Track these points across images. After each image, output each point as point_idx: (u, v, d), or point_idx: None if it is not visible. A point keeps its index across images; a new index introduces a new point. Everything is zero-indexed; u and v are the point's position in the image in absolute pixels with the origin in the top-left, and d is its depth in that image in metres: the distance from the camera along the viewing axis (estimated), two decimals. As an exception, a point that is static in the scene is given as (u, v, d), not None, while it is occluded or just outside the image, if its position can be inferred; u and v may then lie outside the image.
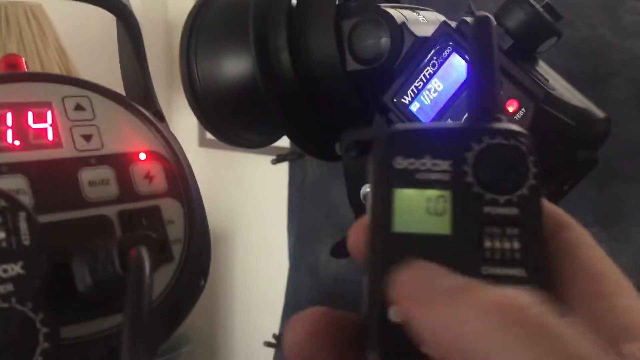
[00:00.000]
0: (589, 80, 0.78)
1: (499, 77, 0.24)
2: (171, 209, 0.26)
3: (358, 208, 0.44)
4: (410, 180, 0.21)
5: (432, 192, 0.21)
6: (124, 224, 0.25)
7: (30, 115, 0.25)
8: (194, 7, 0.47)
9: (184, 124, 1.69)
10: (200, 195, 0.28)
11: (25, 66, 0.27)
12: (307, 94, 0.42)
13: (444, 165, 0.21)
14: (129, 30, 0.29)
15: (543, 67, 0.40)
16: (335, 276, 1.04)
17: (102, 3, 0.26)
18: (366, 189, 0.44)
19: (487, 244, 0.20)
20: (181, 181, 0.27)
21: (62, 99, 0.26)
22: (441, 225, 0.20)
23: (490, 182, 0.20)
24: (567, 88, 0.39)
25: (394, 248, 0.20)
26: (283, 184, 1.12)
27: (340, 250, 0.43)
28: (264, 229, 1.66)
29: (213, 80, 0.46)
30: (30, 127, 0.25)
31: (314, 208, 1.05)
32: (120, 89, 0.31)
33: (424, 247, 0.20)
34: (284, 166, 1.13)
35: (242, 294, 1.79)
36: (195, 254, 0.26)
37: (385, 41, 0.40)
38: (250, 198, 1.72)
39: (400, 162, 0.21)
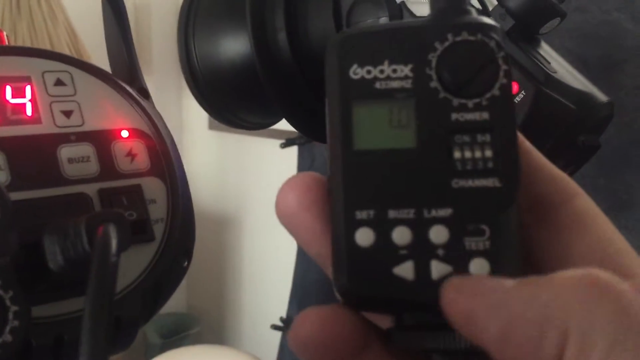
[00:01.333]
0: (602, 65, 0.77)
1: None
2: (153, 187, 0.26)
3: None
4: (370, 91, 0.19)
5: (395, 103, 0.19)
6: (104, 203, 0.25)
7: (8, 89, 0.24)
8: (192, -15, 0.46)
9: (194, 108, 1.69)
10: (185, 175, 0.27)
11: (6, 40, 0.27)
12: (305, 74, 0.42)
13: (405, 70, 0.19)
14: (113, 6, 0.28)
15: (545, 49, 0.39)
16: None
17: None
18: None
19: (457, 154, 0.19)
20: (164, 160, 0.26)
21: (42, 74, 0.25)
22: (406, 138, 0.19)
23: (457, 85, 0.19)
24: (569, 71, 0.38)
25: (356, 167, 0.19)
26: (292, 168, 1.12)
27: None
28: (272, 213, 1.66)
29: (211, 61, 0.45)
30: (8, 102, 0.24)
31: (322, 192, 1.04)
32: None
33: (389, 163, 0.19)
34: (293, 150, 1.13)
35: (250, 277, 1.79)
36: (178, 234, 0.26)
37: (384, 21, 0.39)
38: (259, 181, 1.72)
39: (357, 72, 0.19)
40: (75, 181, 0.25)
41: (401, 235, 0.19)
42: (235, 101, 0.47)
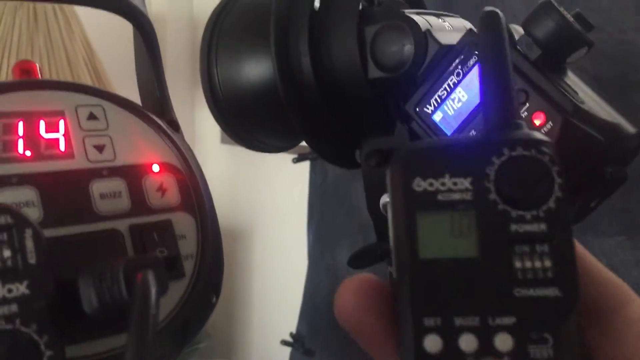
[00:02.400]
0: (618, 86, 0.76)
1: (513, 78, 0.22)
2: (184, 223, 0.26)
3: (377, 218, 0.43)
4: (432, 202, 0.20)
5: (456, 214, 0.20)
6: (134, 239, 0.24)
7: (42, 124, 0.24)
8: (215, 10, 0.46)
9: (206, 121, 1.69)
10: (214, 209, 0.27)
11: (39, 72, 0.27)
12: (327, 100, 0.42)
13: (465, 183, 0.20)
14: (145, 38, 0.28)
15: (572, 79, 0.38)
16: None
17: (119, 10, 0.26)
18: (385, 198, 0.43)
19: (517, 264, 0.19)
20: (195, 194, 0.26)
21: (75, 108, 0.25)
22: (468, 248, 0.20)
23: (515, 198, 0.20)
24: (596, 101, 0.38)
25: (422, 275, 0.20)
26: (304, 183, 1.12)
27: (360, 260, 0.42)
28: (284, 228, 1.66)
29: (233, 84, 0.45)
30: (41, 136, 0.24)
31: (334, 208, 1.04)
32: None
33: (453, 272, 0.20)
34: (305, 165, 1.13)
35: (260, 292, 1.79)
36: (208, 270, 0.25)
37: (408, 48, 0.39)
38: (270, 196, 1.72)
39: (420, 184, 0.20)
40: (107, 217, 0.25)
41: (468, 343, 0.19)
42: (256, 124, 0.47)
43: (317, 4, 0.42)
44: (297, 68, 0.41)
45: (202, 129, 1.77)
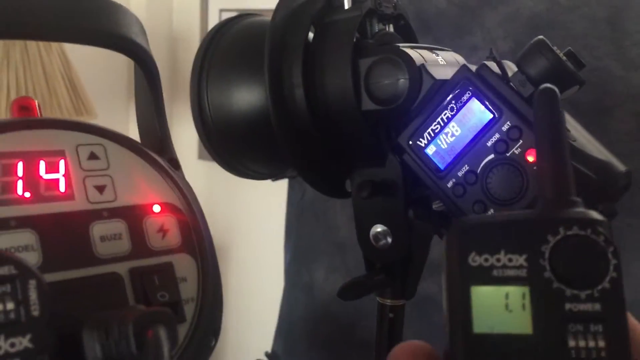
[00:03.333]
0: (593, 110, 0.78)
1: (570, 155, 0.22)
2: (184, 265, 0.25)
3: (367, 249, 0.43)
4: (487, 277, 0.20)
5: (510, 289, 0.20)
6: (135, 282, 0.24)
7: (42, 164, 0.24)
8: (207, 36, 0.46)
9: (184, 136, 1.67)
10: (214, 249, 0.27)
11: (38, 109, 0.26)
12: (320, 130, 0.41)
13: (520, 260, 0.20)
14: (148, 76, 0.27)
15: (564, 116, 0.39)
16: (330, 295, 1.03)
17: (122, 49, 0.25)
18: (376, 229, 0.43)
19: (572, 342, 0.20)
20: (196, 235, 0.26)
21: (76, 147, 0.25)
22: (522, 324, 0.20)
23: (570, 277, 0.20)
24: (588, 139, 0.38)
25: (476, 350, 0.20)
26: (281, 201, 1.11)
27: (349, 291, 0.41)
28: (261, 246, 1.65)
29: (223, 111, 0.44)
30: (41, 177, 0.24)
31: (312, 226, 1.04)
32: (121, 101, 0.30)
33: (507, 348, 0.20)
34: (283, 183, 1.12)
35: (235, 310, 1.77)
36: (208, 314, 0.25)
37: (403, 82, 0.39)
38: (248, 213, 1.70)
39: (475, 259, 0.21)
40: (107, 260, 0.24)
41: None
42: (244, 151, 0.47)
43: (311, 35, 0.42)
44: (290, 98, 0.41)
45: (180, 145, 1.75)
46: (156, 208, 0.26)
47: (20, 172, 0.23)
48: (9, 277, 0.18)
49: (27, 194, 0.23)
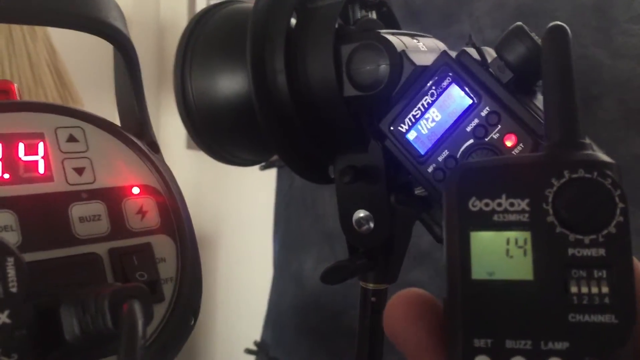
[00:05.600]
0: (580, 99, 0.78)
1: (577, 95, 0.22)
2: (163, 246, 0.26)
3: (350, 233, 0.44)
4: (487, 222, 0.20)
5: (511, 234, 0.20)
6: (114, 262, 0.24)
7: (21, 146, 0.24)
8: (190, 23, 0.46)
9: (172, 126, 1.67)
10: (194, 231, 0.27)
11: (17, 93, 0.26)
12: (302, 117, 0.42)
13: (522, 204, 0.20)
14: (127, 60, 0.28)
15: (541, 101, 0.39)
16: (319, 285, 1.03)
17: (100, 33, 0.26)
18: (359, 214, 0.43)
19: (573, 288, 0.19)
20: (174, 217, 0.26)
21: (55, 130, 0.25)
22: (523, 270, 0.19)
23: (574, 222, 0.19)
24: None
25: (474, 296, 0.20)
26: (270, 191, 1.12)
27: (332, 275, 0.42)
28: (249, 235, 1.65)
29: (207, 98, 0.45)
30: (20, 159, 0.24)
31: (301, 216, 1.04)
32: (108, 90, 0.30)
33: (506, 294, 0.19)
34: (272, 172, 1.12)
35: (224, 299, 1.78)
36: (187, 293, 0.25)
37: (384, 68, 0.39)
38: (236, 203, 1.71)
39: (475, 204, 0.20)
40: (86, 241, 0.24)
41: None
42: (229, 138, 0.47)
43: (293, 21, 0.42)
44: (272, 85, 0.41)
45: (168, 134, 1.75)
46: (135, 190, 0.26)
47: (-1, 154, 0.24)
48: (-14, 255, 0.19)
49: (6, 176, 0.24)
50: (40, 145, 0.25)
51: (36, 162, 0.24)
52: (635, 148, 0.76)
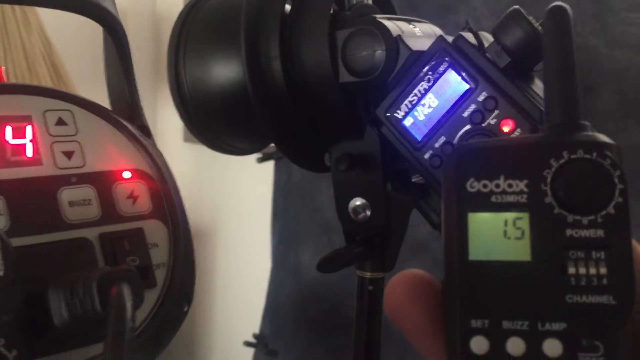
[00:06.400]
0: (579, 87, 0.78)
1: (578, 77, 0.21)
2: (155, 231, 0.25)
3: (346, 222, 0.43)
4: (485, 203, 0.20)
5: (509, 215, 0.20)
6: (105, 247, 0.24)
7: (8, 129, 0.24)
8: (184, 10, 0.45)
9: (169, 119, 1.66)
10: (186, 216, 0.27)
11: (4, 76, 0.26)
12: (298, 103, 0.41)
13: (521, 185, 0.19)
14: (116, 42, 0.27)
15: (539, 86, 0.39)
16: (317, 277, 1.03)
17: (89, 13, 0.25)
18: (355, 202, 0.43)
19: (571, 269, 0.19)
20: (166, 201, 0.26)
21: (44, 113, 0.25)
22: (520, 251, 0.19)
23: (572, 202, 0.19)
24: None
25: (472, 277, 0.19)
26: (268, 183, 1.11)
27: (329, 264, 0.42)
28: (248, 228, 1.65)
29: (201, 86, 0.44)
30: (8, 142, 0.23)
31: (298, 208, 1.04)
32: (103, 81, 0.30)
33: (504, 275, 0.19)
34: (269, 165, 1.12)
35: (222, 292, 1.78)
36: (180, 279, 0.25)
37: (380, 54, 0.39)
38: (234, 195, 1.70)
39: (473, 185, 0.20)
40: (76, 225, 0.24)
41: (515, 346, 0.19)
42: (224, 127, 0.46)
43: (288, 7, 0.42)
44: (267, 71, 0.41)
45: (165, 127, 1.75)
46: (126, 174, 0.25)
47: (-14, 138, 0.23)
48: (-28, 238, 0.18)
49: (-6, 159, 0.23)
50: (28, 129, 0.24)
51: (24, 145, 0.24)
52: (633, 138, 0.75)
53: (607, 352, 0.19)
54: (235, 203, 1.70)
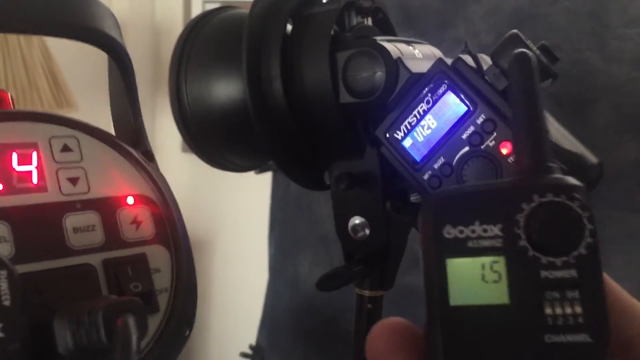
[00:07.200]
0: (574, 103, 0.78)
1: (545, 121, 0.22)
2: (158, 256, 0.25)
3: (345, 240, 0.43)
4: (462, 249, 0.20)
5: (486, 259, 0.20)
6: (108, 273, 0.24)
7: (14, 156, 0.24)
8: (186, 28, 0.46)
9: (167, 129, 1.67)
10: (189, 241, 0.27)
11: (11, 101, 0.26)
12: (298, 123, 0.42)
13: (495, 230, 0.20)
14: (122, 69, 0.28)
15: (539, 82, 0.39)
16: (314, 289, 1.03)
17: (95, 42, 0.25)
18: (354, 220, 0.43)
19: (548, 310, 0.20)
20: (169, 226, 0.26)
21: (49, 140, 0.25)
22: (499, 294, 0.20)
23: (545, 245, 0.20)
24: (560, 132, 0.39)
25: (454, 323, 0.20)
26: (266, 194, 1.12)
27: (328, 282, 0.42)
28: (245, 238, 1.65)
29: (202, 103, 0.45)
30: (14, 169, 0.24)
31: (296, 219, 1.04)
32: (103, 94, 0.30)
33: (484, 319, 0.20)
34: (267, 175, 1.12)
35: (219, 302, 1.77)
36: (182, 304, 0.25)
37: (380, 75, 0.39)
38: (232, 206, 1.70)
39: (450, 231, 0.21)
40: (80, 251, 0.24)
41: None
42: (223, 143, 0.47)
43: (289, 27, 0.42)
44: (268, 91, 0.41)
45: (163, 137, 1.75)
46: (130, 200, 0.26)
47: (-8, 165, 0.24)
48: (-21, 268, 0.19)
49: (0, 186, 0.23)
50: (34, 155, 0.24)
51: (30, 172, 0.24)
52: (630, 153, 0.76)
53: None
54: (232, 213, 1.70)
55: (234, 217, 1.70)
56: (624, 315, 0.21)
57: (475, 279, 0.20)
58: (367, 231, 0.43)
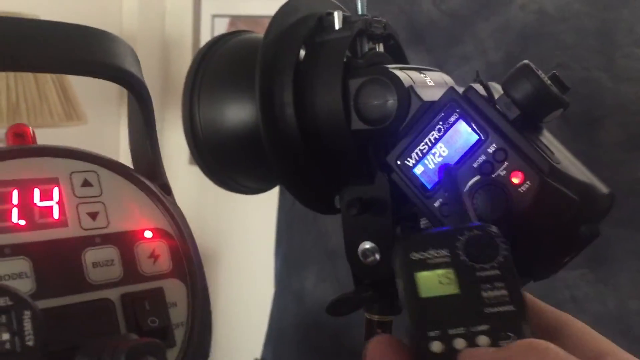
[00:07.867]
0: (583, 121, 0.78)
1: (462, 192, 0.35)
2: (175, 290, 0.26)
3: (355, 265, 0.44)
4: (425, 265, 0.31)
5: (441, 271, 0.31)
6: (126, 308, 0.24)
7: (36, 192, 0.24)
8: (200, 51, 0.46)
9: (174, 141, 1.67)
10: (204, 274, 0.27)
11: (32, 136, 0.27)
12: (309, 148, 0.42)
13: (444, 252, 0.31)
14: (141, 103, 0.28)
15: (548, 138, 0.39)
16: (320, 303, 1.03)
17: (116, 78, 0.26)
18: (365, 245, 0.43)
19: (484, 294, 0.30)
20: (186, 260, 0.26)
21: (70, 175, 0.25)
22: (452, 289, 0.30)
23: (477, 258, 0.31)
24: (571, 161, 0.39)
25: (424, 307, 0.30)
26: (273, 207, 1.12)
27: (338, 307, 0.42)
28: (251, 252, 1.65)
29: (214, 126, 0.45)
30: (36, 205, 0.24)
31: (303, 233, 1.04)
32: (112, 107, 0.31)
33: (444, 302, 0.30)
34: (275, 190, 1.12)
35: (224, 316, 1.77)
36: (198, 338, 0.25)
37: (391, 103, 0.39)
38: (238, 219, 1.71)
39: (415, 255, 0.31)
40: (99, 286, 0.24)
41: (459, 343, 0.29)
42: (234, 166, 0.47)
43: (302, 54, 0.43)
44: (280, 117, 0.42)
45: (170, 150, 1.76)
46: (148, 234, 0.26)
47: (15, 200, 0.24)
48: (4, 308, 0.19)
49: (22, 222, 0.24)
50: (55, 191, 0.25)
51: (51, 207, 0.24)
52: (637, 171, 0.76)
53: (518, 337, 0.29)
54: (239, 226, 1.70)
55: (240, 230, 1.71)
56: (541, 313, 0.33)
57: (435, 282, 0.30)
58: (378, 256, 0.43)
